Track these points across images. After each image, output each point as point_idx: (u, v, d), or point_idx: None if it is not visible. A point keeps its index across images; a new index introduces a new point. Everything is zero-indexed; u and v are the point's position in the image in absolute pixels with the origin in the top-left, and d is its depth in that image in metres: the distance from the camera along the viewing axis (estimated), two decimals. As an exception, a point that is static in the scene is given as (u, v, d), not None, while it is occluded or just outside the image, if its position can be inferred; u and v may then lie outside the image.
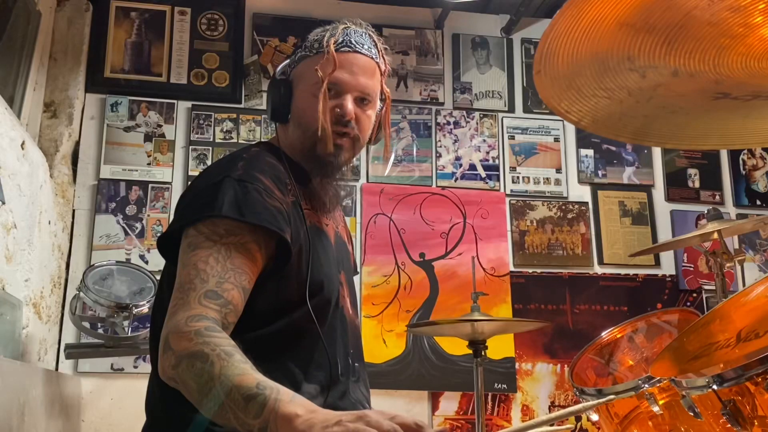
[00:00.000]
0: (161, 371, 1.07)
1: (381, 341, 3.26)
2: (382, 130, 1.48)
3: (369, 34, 1.40)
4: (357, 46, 1.36)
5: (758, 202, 3.82)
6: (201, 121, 3.39)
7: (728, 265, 2.28)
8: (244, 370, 0.99)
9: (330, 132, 1.32)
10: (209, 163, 3.33)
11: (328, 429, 0.90)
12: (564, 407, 3.35)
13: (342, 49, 1.34)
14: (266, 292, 1.23)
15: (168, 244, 1.24)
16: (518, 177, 3.62)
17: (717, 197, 3.79)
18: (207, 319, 1.07)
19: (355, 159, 1.57)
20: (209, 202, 1.18)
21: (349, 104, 1.33)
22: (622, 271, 3.57)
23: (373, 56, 1.38)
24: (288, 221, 1.24)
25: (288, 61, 1.42)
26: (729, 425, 1.40)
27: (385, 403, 3.11)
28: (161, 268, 1.25)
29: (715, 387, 1.42)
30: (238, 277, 1.14)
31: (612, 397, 1.14)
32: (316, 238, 1.32)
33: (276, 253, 1.23)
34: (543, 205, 3.59)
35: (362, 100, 1.36)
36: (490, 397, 3.28)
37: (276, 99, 1.37)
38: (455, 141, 3.61)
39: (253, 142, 1.42)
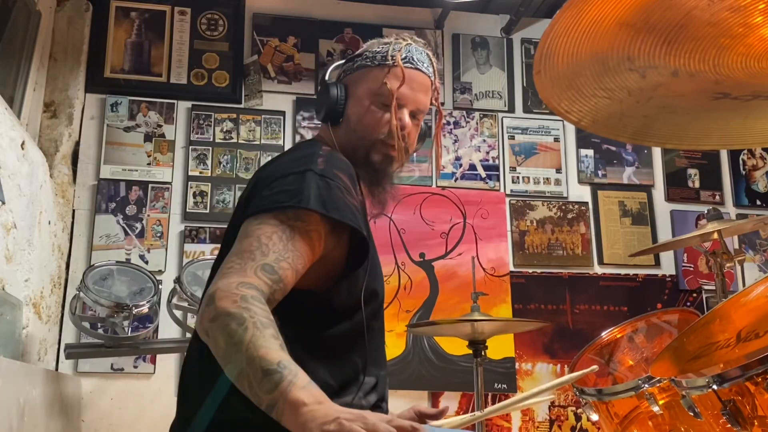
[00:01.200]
0: (198, 323, 1.09)
1: (381, 341, 3.26)
2: (421, 141, 1.55)
3: (427, 53, 1.46)
4: (418, 63, 1.42)
5: (758, 202, 3.82)
6: (201, 121, 3.39)
7: (728, 265, 2.28)
8: (272, 345, 1.00)
9: (401, 141, 1.38)
10: (209, 163, 3.33)
11: (326, 425, 0.91)
12: (564, 408, 3.35)
13: (405, 64, 1.39)
14: (342, 291, 1.27)
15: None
16: (518, 177, 3.62)
17: (717, 197, 3.79)
18: (257, 290, 1.08)
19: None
20: (295, 191, 1.20)
21: (407, 118, 1.39)
22: (622, 271, 3.57)
23: (430, 74, 1.45)
24: (363, 220, 1.29)
25: (342, 65, 1.48)
26: (729, 425, 1.40)
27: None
28: (161, 268, 1.26)
29: (715, 387, 1.42)
30: (296, 260, 1.16)
31: (579, 373, 1.13)
32: (372, 241, 1.37)
33: (349, 251, 1.27)
34: (543, 205, 3.59)
35: (414, 115, 1.42)
36: (490, 397, 3.28)
37: (332, 101, 1.41)
38: (455, 141, 3.61)
39: (314, 141, 1.45)
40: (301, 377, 0.98)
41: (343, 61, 1.49)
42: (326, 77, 1.48)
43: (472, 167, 3.59)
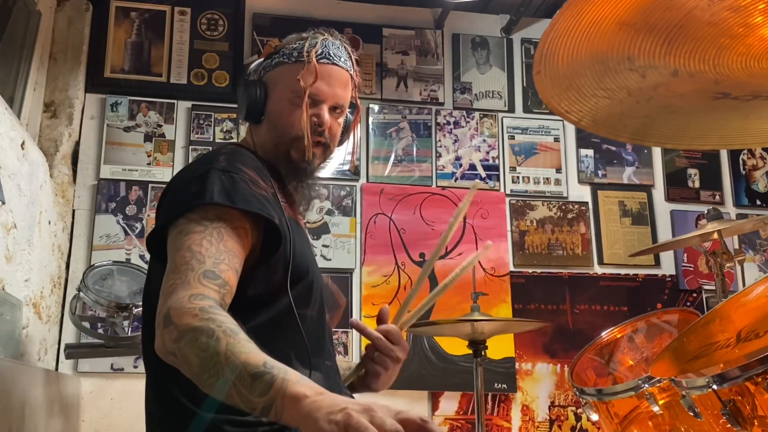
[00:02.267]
0: (159, 346, 1.06)
1: (381, 341, 3.25)
2: (346, 134, 1.55)
3: (345, 47, 1.46)
4: (335, 58, 1.42)
5: (758, 202, 3.82)
6: (201, 121, 3.39)
7: (728, 265, 2.28)
8: (251, 349, 0.99)
9: (310, 140, 1.39)
10: (209, 163, 3.33)
11: (333, 415, 0.89)
12: (564, 408, 3.35)
13: (321, 60, 1.40)
14: (257, 280, 1.25)
15: (155, 242, 1.25)
16: (518, 177, 3.62)
17: (717, 197, 3.79)
18: (209, 299, 1.07)
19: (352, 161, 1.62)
20: (199, 191, 1.20)
21: (326, 114, 1.40)
22: (622, 271, 3.57)
23: (348, 69, 1.45)
24: (275, 209, 1.28)
25: (261, 62, 1.46)
26: (729, 425, 1.40)
27: (385, 403, 3.10)
28: (161, 267, 1.27)
29: (715, 387, 1.42)
30: (232, 260, 1.16)
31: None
32: (295, 228, 1.36)
33: (264, 240, 1.26)
34: (543, 205, 3.59)
35: (335, 110, 1.43)
36: (490, 397, 3.28)
37: (252, 100, 1.42)
38: (455, 141, 3.61)
39: (226, 143, 1.46)
40: (291, 373, 0.96)
41: (262, 58, 1.47)
42: (246, 75, 1.48)
43: (472, 167, 3.59)
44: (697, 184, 3.79)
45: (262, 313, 1.26)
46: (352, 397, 1.16)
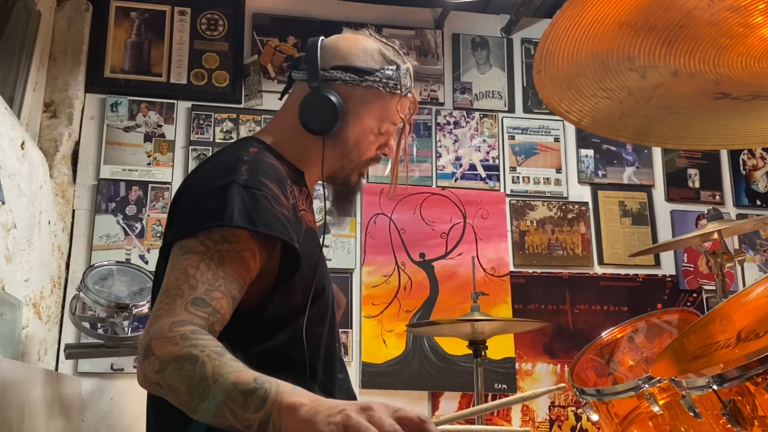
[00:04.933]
0: (141, 378, 1.04)
1: (381, 341, 3.26)
2: None
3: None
4: (413, 89, 1.43)
5: (758, 202, 3.82)
6: (201, 121, 3.39)
7: (728, 265, 2.28)
8: (238, 368, 0.98)
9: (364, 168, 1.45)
10: (209, 163, 3.32)
11: (331, 417, 0.89)
12: (564, 408, 3.35)
13: (407, 94, 1.41)
14: (276, 303, 1.23)
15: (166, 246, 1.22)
16: (518, 177, 3.62)
17: (717, 197, 3.79)
18: (191, 324, 1.04)
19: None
20: (216, 209, 1.15)
21: (394, 143, 1.46)
22: (622, 271, 3.57)
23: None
24: (294, 228, 1.23)
25: (343, 75, 1.35)
26: (729, 425, 1.40)
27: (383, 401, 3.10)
28: (161, 268, 1.26)
29: (715, 387, 1.42)
30: (229, 286, 1.11)
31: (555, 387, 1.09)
32: (312, 241, 1.32)
33: (282, 262, 1.22)
34: (543, 205, 3.59)
35: None
36: (490, 397, 3.28)
37: (334, 115, 1.32)
38: (455, 141, 3.61)
39: (248, 139, 1.39)
40: (284, 384, 0.96)
41: (334, 65, 1.35)
42: (312, 73, 1.33)
43: (472, 167, 3.59)
44: (697, 184, 3.79)
45: (278, 336, 1.23)
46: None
